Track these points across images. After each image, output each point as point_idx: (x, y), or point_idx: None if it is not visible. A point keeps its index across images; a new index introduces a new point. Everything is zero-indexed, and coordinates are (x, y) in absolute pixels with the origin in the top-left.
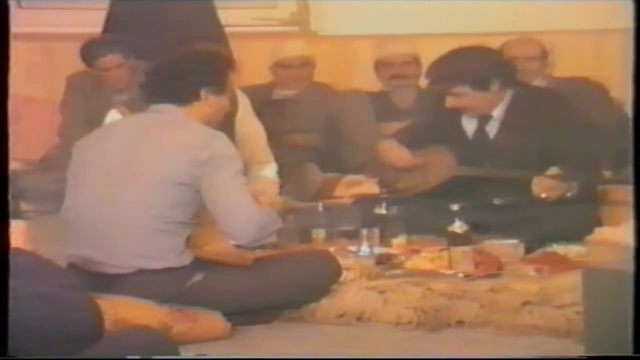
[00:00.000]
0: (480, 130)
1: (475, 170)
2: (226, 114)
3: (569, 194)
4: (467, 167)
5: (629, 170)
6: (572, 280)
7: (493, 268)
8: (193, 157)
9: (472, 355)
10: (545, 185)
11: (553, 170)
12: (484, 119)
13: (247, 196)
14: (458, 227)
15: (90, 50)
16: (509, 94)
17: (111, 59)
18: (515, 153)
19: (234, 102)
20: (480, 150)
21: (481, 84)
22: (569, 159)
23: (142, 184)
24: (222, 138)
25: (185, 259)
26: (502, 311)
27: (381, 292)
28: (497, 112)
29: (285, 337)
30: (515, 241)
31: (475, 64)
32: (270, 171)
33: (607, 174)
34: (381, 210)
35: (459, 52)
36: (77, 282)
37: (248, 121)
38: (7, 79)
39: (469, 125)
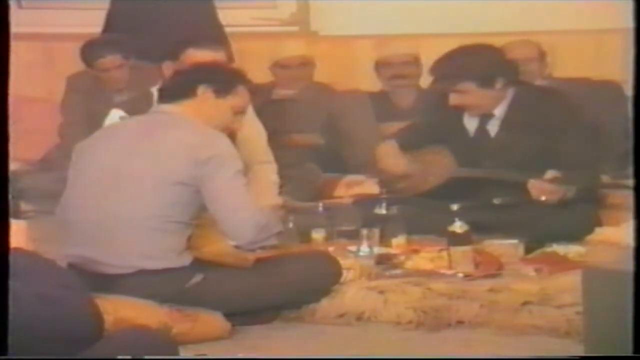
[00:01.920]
0: (482, 129)
1: (474, 171)
2: (228, 123)
3: (568, 195)
4: (466, 168)
5: (630, 171)
6: (572, 280)
7: (493, 268)
8: (193, 157)
9: (472, 355)
10: (543, 189)
11: (550, 173)
12: (486, 117)
13: (247, 197)
14: (458, 227)
15: (90, 50)
16: (510, 93)
17: (111, 60)
18: (516, 152)
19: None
20: (481, 149)
21: (486, 81)
22: (570, 159)
23: (141, 183)
24: (222, 138)
25: (185, 260)
26: (502, 311)
27: (381, 292)
28: (499, 111)
29: (285, 337)
30: (515, 241)
31: (481, 61)
32: (270, 172)
33: (608, 175)
34: (381, 210)
35: (464, 50)
36: (78, 282)
37: (248, 121)
38: (7, 79)
39: (471, 124)
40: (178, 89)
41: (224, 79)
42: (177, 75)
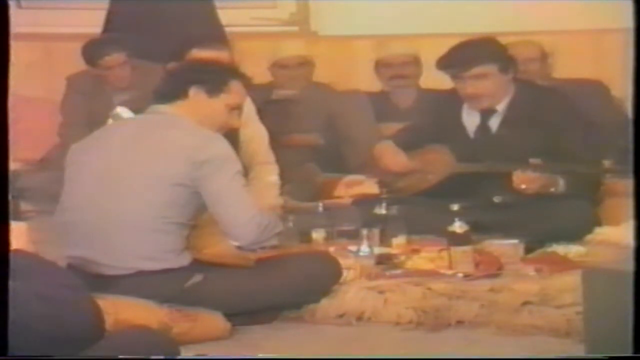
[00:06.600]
0: (483, 125)
1: (474, 167)
2: (225, 121)
3: (553, 189)
4: (465, 164)
5: (629, 171)
6: (572, 280)
7: (493, 268)
8: (190, 158)
9: (472, 355)
10: (523, 179)
11: (534, 161)
12: (488, 113)
13: (247, 197)
14: (458, 227)
15: (95, 48)
16: (512, 89)
17: (117, 58)
18: (516, 148)
19: (240, 112)
20: (482, 146)
21: (505, 65)
22: (570, 156)
23: (140, 184)
24: (219, 139)
25: (184, 260)
26: (502, 311)
27: (381, 292)
28: (501, 106)
29: (285, 337)
30: (515, 241)
31: (499, 46)
32: (271, 173)
33: (607, 174)
34: (381, 210)
35: (477, 39)
36: (78, 282)
37: (250, 123)
38: (7, 79)
39: (471, 120)
40: (170, 90)
41: (215, 77)
42: (169, 76)
